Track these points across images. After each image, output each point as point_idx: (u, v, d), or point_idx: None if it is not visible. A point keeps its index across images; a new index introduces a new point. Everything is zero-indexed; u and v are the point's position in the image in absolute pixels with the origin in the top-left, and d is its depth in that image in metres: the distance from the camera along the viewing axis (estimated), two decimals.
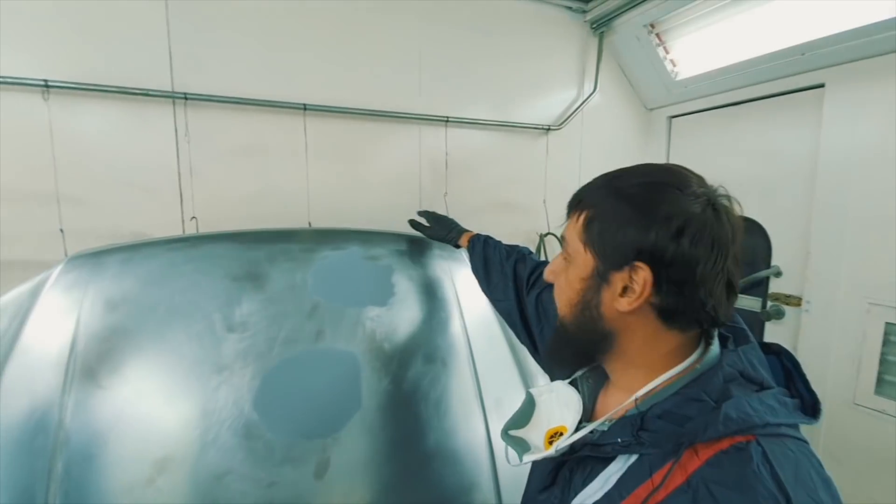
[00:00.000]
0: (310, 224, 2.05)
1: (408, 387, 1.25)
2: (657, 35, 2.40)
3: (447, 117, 2.26)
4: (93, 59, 1.71)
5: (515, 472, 1.31)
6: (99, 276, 1.08)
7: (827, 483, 0.53)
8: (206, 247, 1.21)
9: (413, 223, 1.57)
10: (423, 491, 1.20)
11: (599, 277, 0.63)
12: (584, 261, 0.65)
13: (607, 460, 0.63)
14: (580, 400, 0.73)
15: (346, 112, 2.08)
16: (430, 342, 1.30)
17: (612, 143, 2.71)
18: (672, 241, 0.57)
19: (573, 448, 0.66)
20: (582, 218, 0.66)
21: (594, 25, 2.52)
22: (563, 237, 0.71)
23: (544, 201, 2.53)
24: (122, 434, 0.99)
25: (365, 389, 1.19)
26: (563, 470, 0.70)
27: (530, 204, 2.53)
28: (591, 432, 0.65)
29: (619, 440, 0.60)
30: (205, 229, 1.88)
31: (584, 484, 0.64)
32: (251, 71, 1.93)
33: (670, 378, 0.63)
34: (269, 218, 1.99)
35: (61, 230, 1.71)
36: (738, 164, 2.36)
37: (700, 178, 0.63)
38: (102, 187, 1.78)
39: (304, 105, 1.99)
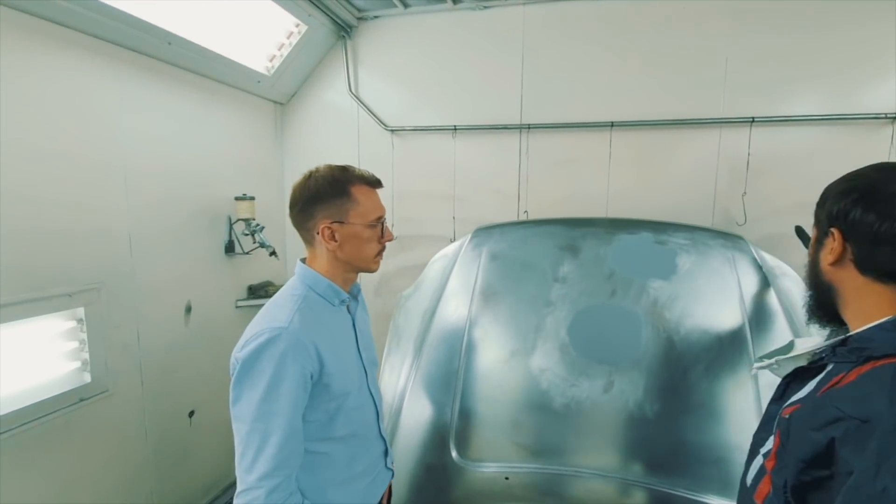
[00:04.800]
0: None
1: (681, 347, 1.57)
2: None
3: (752, 118, 2.31)
4: (478, 109, 2.69)
5: None
6: (489, 240, 1.89)
7: None
8: (544, 227, 1.88)
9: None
10: (685, 433, 1.51)
11: (818, 244, 0.88)
12: (814, 233, 0.91)
13: (816, 372, 0.87)
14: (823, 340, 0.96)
15: (647, 124, 2.45)
16: (706, 316, 1.57)
17: None
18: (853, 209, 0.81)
19: (794, 370, 0.92)
20: (816, 209, 0.92)
21: None
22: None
23: None
24: (496, 329, 1.74)
25: (644, 340, 1.60)
26: (790, 386, 0.95)
27: None
28: (812, 353, 0.90)
29: (824, 356, 0.85)
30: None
31: (797, 390, 0.88)
32: (571, 101, 2.56)
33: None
34: (575, 213, 2.58)
35: (453, 217, 2.77)
36: None
37: None
38: (475, 190, 2.76)
39: (612, 122, 2.48)
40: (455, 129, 2.70)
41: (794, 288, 1.60)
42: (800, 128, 2.30)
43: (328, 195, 1.06)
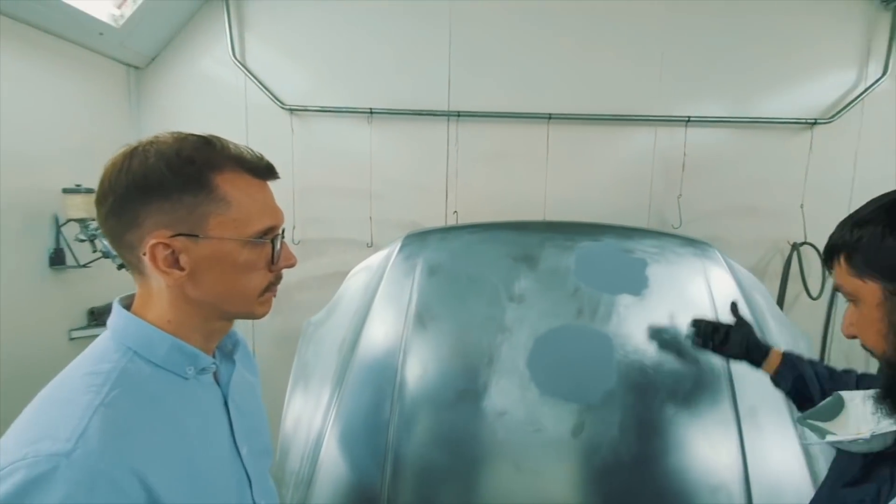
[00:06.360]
0: (544, 219, 2.29)
1: (658, 376, 1.34)
2: None
3: (688, 117, 2.22)
4: (399, 90, 2.27)
5: (770, 483, 1.28)
6: (424, 248, 1.49)
7: None
8: (493, 232, 1.54)
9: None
10: (666, 478, 1.28)
11: (893, 295, 0.65)
12: (870, 290, 0.68)
13: None
14: None
15: (586, 119, 2.25)
16: (681, 337, 1.36)
17: None
18: None
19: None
20: (843, 259, 0.71)
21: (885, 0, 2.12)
22: (837, 288, 0.74)
23: (802, 206, 2.24)
24: (438, 365, 1.35)
25: (617, 370, 1.34)
26: (882, 468, 0.70)
27: (781, 209, 2.28)
28: None
29: None
30: (462, 221, 2.30)
31: None
32: (506, 88, 2.27)
33: None
34: (511, 213, 2.29)
35: (370, 218, 2.33)
36: None
37: None
38: (395, 186, 2.34)
39: (549, 115, 2.23)
40: (371, 113, 2.26)
41: (764, 303, 1.45)
42: (728, 129, 2.27)
43: (168, 186, 0.59)
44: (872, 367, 2.40)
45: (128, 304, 0.67)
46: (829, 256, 0.74)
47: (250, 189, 0.65)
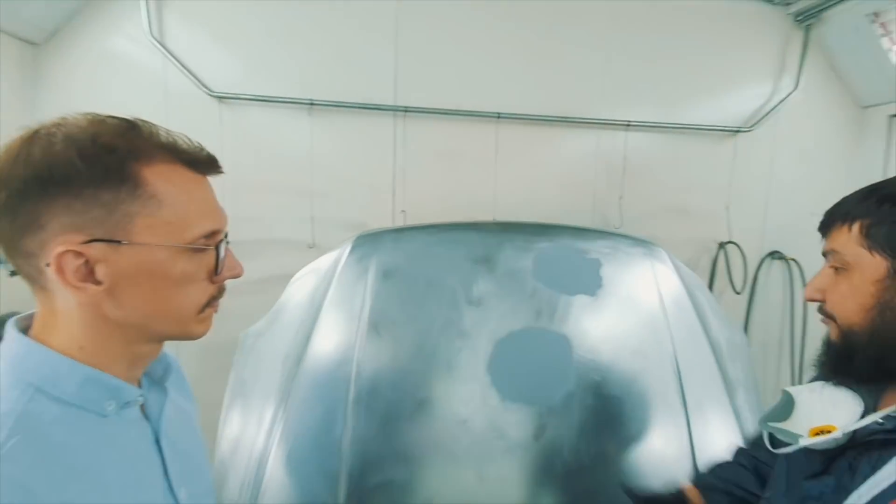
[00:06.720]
0: (494, 220, 2.27)
1: (613, 374, 1.35)
2: (882, 24, 2.13)
3: (628, 121, 2.30)
4: (342, 81, 2.14)
5: None
6: (377, 250, 1.40)
7: None
8: (449, 233, 1.49)
9: None
10: (621, 475, 1.30)
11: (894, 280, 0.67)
12: (874, 264, 0.68)
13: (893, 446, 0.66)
14: (856, 397, 0.75)
15: (533, 119, 2.26)
16: (634, 334, 1.39)
17: (813, 145, 2.46)
18: None
19: (854, 437, 0.69)
20: (856, 227, 0.70)
21: (799, 17, 2.33)
22: (828, 251, 0.75)
23: (727, 208, 2.40)
24: (394, 374, 1.27)
25: (575, 369, 1.34)
26: (840, 460, 0.71)
27: (708, 211, 2.43)
28: (885, 419, 0.67)
29: None
30: (411, 221, 2.22)
31: (874, 469, 0.66)
32: (455, 84, 2.22)
33: None
34: (460, 212, 2.25)
35: (311, 217, 2.17)
36: None
37: None
38: (339, 184, 2.21)
39: (499, 114, 2.21)
40: (311, 105, 2.11)
41: (705, 300, 1.52)
42: (664, 134, 2.38)
43: (80, 179, 0.47)
44: (785, 357, 2.61)
45: (26, 326, 0.53)
46: (839, 220, 0.72)
47: (187, 185, 0.54)
